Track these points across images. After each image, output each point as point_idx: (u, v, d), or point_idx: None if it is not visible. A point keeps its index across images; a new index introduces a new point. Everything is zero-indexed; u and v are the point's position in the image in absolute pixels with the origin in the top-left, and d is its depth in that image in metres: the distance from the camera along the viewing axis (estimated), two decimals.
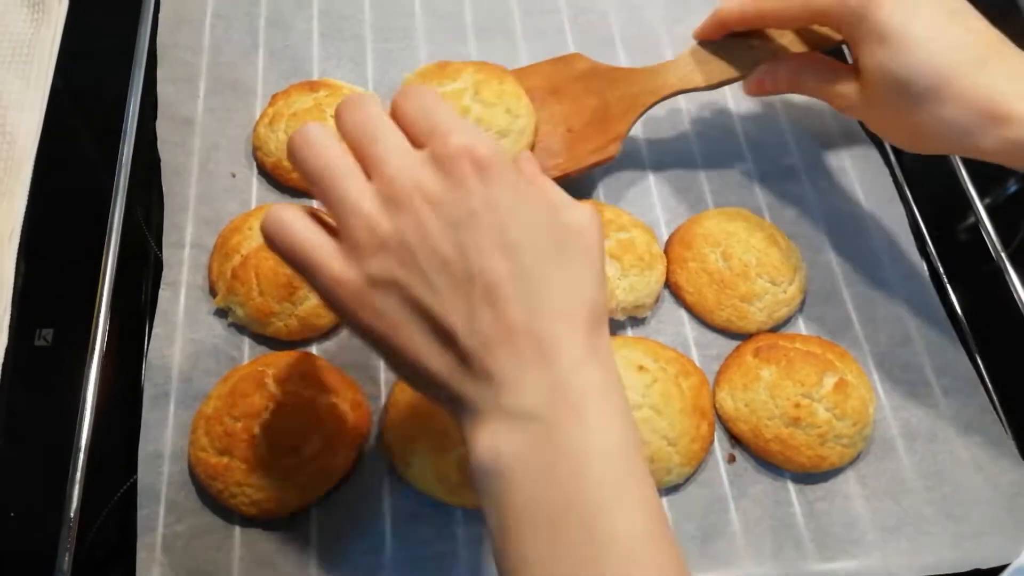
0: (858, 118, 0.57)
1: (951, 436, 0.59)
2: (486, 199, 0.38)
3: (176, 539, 0.52)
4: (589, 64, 0.67)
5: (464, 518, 0.54)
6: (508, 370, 0.37)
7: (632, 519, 0.36)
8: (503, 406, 0.37)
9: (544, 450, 0.37)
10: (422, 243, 0.38)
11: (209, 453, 0.52)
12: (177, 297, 0.60)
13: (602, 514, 0.36)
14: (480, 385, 0.38)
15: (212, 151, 0.67)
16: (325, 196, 0.39)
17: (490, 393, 0.38)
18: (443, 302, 0.38)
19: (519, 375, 0.37)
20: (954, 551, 0.55)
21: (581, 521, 0.36)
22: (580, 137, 0.64)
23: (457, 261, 0.37)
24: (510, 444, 0.37)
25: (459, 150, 0.38)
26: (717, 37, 0.63)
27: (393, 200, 0.38)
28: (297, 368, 0.55)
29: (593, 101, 0.65)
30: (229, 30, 0.73)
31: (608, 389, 0.39)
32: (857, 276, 0.66)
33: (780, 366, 0.57)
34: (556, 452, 0.37)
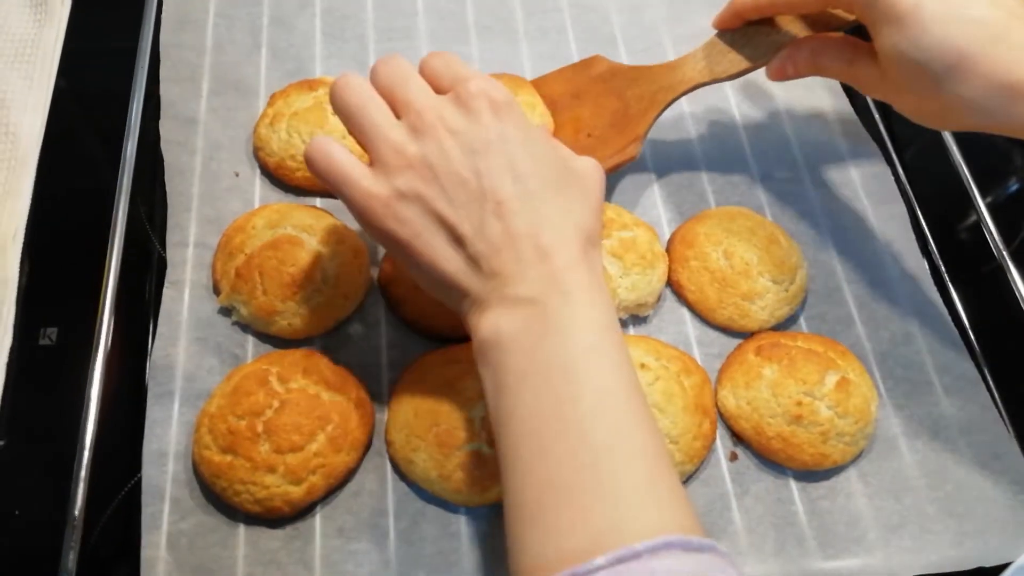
0: (882, 99, 0.57)
1: (953, 434, 0.59)
2: (500, 133, 0.46)
3: (181, 537, 0.52)
4: (608, 65, 0.67)
5: (467, 516, 0.54)
6: (511, 268, 0.44)
7: (607, 370, 0.43)
8: (505, 295, 0.44)
9: (537, 322, 0.43)
10: (443, 164, 0.45)
11: (213, 451, 0.52)
12: (181, 296, 0.60)
13: (581, 364, 0.42)
14: (486, 281, 0.45)
15: (215, 150, 0.67)
16: (360, 127, 0.47)
17: (495, 286, 0.44)
18: (458, 213, 0.45)
19: (520, 271, 0.44)
20: (956, 549, 0.55)
21: (564, 371, 0.42)
22: (602, 141, 0.65)
23: (472, 180, 0.45)
24: (510, 322, 0.44)
25: (478, 91, 0.46)
26: (735, 26, 0.62)
27: (419, 130, 0.46)
28: (301, 366, 0.55)
29: (613, 102, 0.65)
30: (232, 30, 0.74)
31: (594, 285, 0.45)
32: (859, 274, 0.66)
33: (782, 364, 0.57)
34: (547, 324, 0.43)
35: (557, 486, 0.40)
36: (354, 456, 0.54)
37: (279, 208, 0.62)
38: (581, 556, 0.36)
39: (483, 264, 0.45)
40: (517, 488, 0.41)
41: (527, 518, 0.40)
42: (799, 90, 0.76)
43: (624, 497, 0.39)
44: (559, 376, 0.42)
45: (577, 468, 0.40)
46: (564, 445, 0.40)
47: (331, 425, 0.53)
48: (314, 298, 0.58)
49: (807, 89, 0.76)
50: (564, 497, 0.39)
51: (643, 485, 0.40)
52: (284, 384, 0.54)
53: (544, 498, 0.40)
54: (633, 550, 0.36)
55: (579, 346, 0.42)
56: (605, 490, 0.39)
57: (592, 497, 0.39)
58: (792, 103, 0.75)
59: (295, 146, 0.64)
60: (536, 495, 0.40)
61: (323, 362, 0.56)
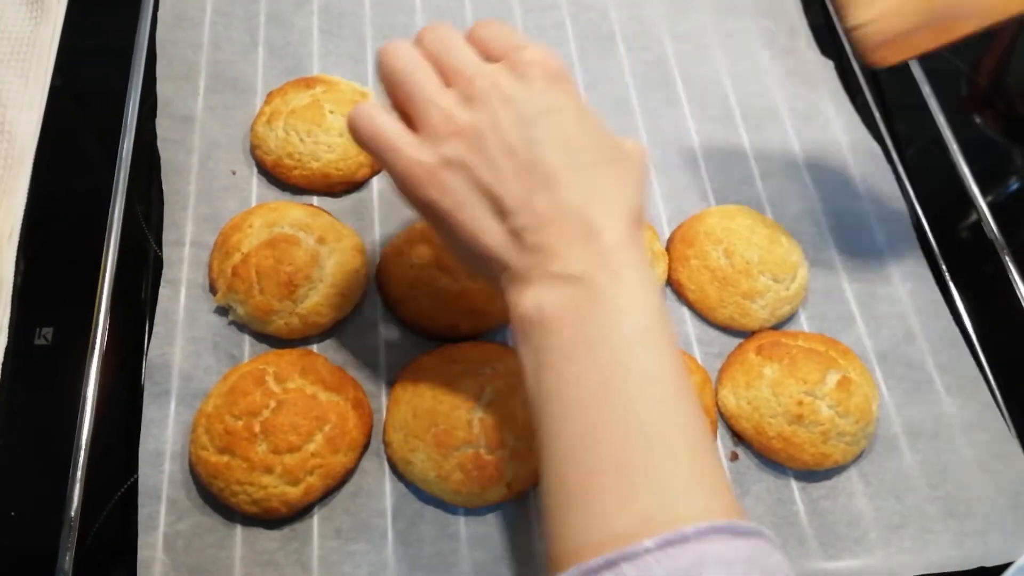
0: None
1: (954, 434, 0.59)
2: (554, 102, 0.44)
3: (177, 538, 0.52)
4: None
5: (466, 517, 0.54)
6: (557, 243, 0.42)
7: (657, 353, 0.41)
8: (549, 272, 0.42)
9: (585, 300, 0.41)
10: (493, 132, 0.43)
11: (210, 452, 0.52)
12: (177, 295, 0.60)
13: (631, 346, 0.41)
14: (530, 256, 0.43)
15: (212, 149, 0.66)
16: (409, 93, 0.45)
17: (538, 261, 0.42)
18: (505, 183, 0.43)
19: (566, 247, 0.42)
20: (957, 549, 0.55)
21: (614, 352, 0.40)
22: None
23: (522, 150, 0.43)
24: (554, 299, 0.42)
25: (533, 59, 0.44)
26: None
27: (471, 97, 0.44)
28: (298, 366, 0.55)
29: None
30: (229, 27, 0.73)
31: (643, 265, 0.43)
32: (859, 273, 0.66)
33: (783, 364, 0.57)
34: (595, 303, 0.41)
35: (603, 468, 0.39)
36: (352, 457, 0.54)
37: (276, 207, 0.62)
38: (629, 538, 0.36)
39: (527, 238, 0.43)
40: (559, 469, 0.40)
41: (571, 499, 0.39)
42: (800, 88, 0.76)
43: (672, 482, 0.38)
44: (608, 356, 0.40)
45: (625, 451, 0.39)
46: (612, 427, 0.39)
47: (329, 425, 0.53)
48: (311, 297, 0.58)
49: (808, 87, 0.76)
50: (611, 479, 0.38)
51: (690, 471, 0.39)
52: (281, 384, 0.54)
53: (590, 480, 0.39)
54: (682, 533, 0.35)
55: (630, 327, 0.41)
56: (653, 474, 0.38)
57: (640, 480, 0.38)
58: (793, 102, 0.75)
59: (292, 144, 0.64)
60: (581, 477, 0.39)
61: (320, 362, 0.56)
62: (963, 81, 0.84)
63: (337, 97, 0.66)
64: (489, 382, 0.55)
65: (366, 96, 0.68)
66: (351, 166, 0.65)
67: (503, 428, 0.53)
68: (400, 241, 0.62)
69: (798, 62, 0.77)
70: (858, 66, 0.79)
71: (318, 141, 0.64)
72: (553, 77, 0.44)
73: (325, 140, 0.64)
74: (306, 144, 0.64)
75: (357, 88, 0.69)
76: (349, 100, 0.66)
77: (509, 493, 0.53)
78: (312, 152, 0.64)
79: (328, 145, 0.64)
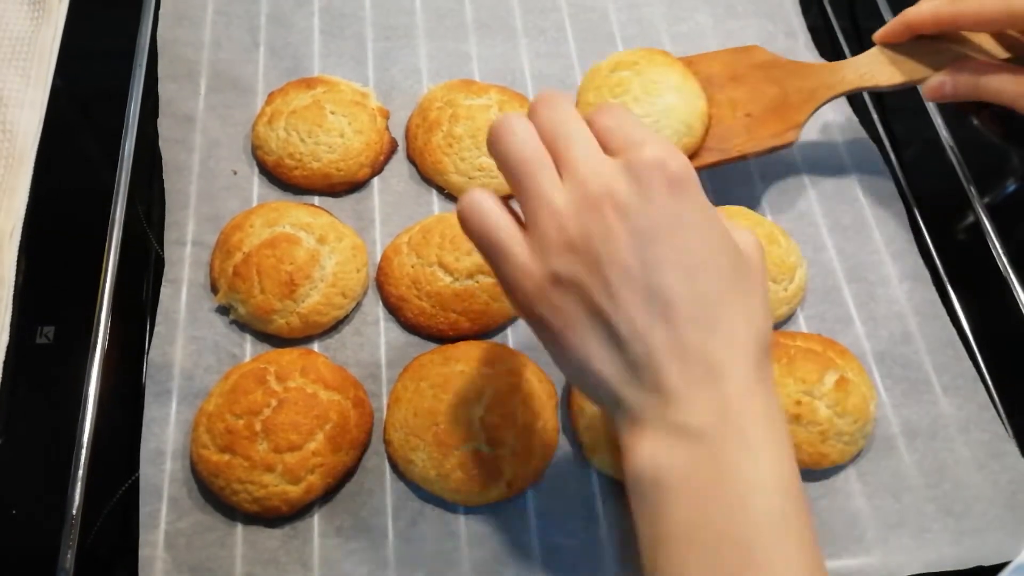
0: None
1: (952, 434, 0.59)
2: (675, 215, 0.39)
3: (178, 536, 0.52)
4: (769, 56, 0.68)
5: (466, 515, 0.54)
6: (677, 386, 0.38)
7: (789, 552, 0.37)
8: (668, 420, 0.38)
9: (708, 469, 0.37)
10: (608, 250, 0.38)
11: (211, 450, 0.52)
12: (178, 295, 0.60)
13: (762, 541, 0.37)
14: (647, 395, 0.39)
15: (213, 148, 0.67)
16: (520, 186, 0.41)
17: (655, 404, 0.39)
18: (621, 310, 0.39)
19: (688, 393, 0.38)
20: (955, 548, 0.55)
21: (740, 546, 0.37)
22: (759, 122, 0.65)
23: (639, 274, 0.38)
24: (672, 458, 0.38)
25: (654, 161, 0.39)
26: (902, 40, 0.63)
27: (584, 201, 0.39)
28: (299, 365, 0.55)
29: (772, 89, 0.66)
30: (230, 27, 0.73)
31: (774, 419, 0.39)
32: (857, 274, 0.66)
33: (781, 364, 0.57)
34: (720, 473, 0.37)
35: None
36: (352, 455, 0.54)
37: (277, 206, 0.62)
38: None
39: (644, 374, 0.39)
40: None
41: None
42: None
43: None
44: (734, 551, 0.37)
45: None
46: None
47: (329, 424, 0.53)
48: (312, 297, 0.58)
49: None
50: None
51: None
52: (282, 383, 0.54)
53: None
54: None
55: (761, 513, 0.37)
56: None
57: None
58: None
59: (293, 144, 0.64)
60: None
61: (321, 361, 0.56)
62: None
63: (338, 98, 0.66)
64: (489, 382, 0.55)
65: (367, 96, 0.68)
66: (352, 166, 0.65)
67: (503, 427, 0.53)
68: (400, 241, 0.62)
69: None
70: None
71: (319, 141, 0.64)
72: (675, 183, 0.39)
73: (326, 140, 0.64)
74: (307, 144, 0.64)
75: (358, 88, 0.69)
76: (350, 100, 0.67)
77: (509, 491, 0.54)
78: (313, 152, 0.64)
79: (329, 145, 0.64)
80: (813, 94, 0.65)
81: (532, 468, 0.54)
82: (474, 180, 0.65)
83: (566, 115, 0.42)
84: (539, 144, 0.41)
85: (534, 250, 0.40)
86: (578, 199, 0.39)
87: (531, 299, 0.40)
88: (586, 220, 0.39)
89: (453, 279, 0.59)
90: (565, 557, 0.53)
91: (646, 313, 0.38)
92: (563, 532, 0.54)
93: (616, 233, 0.39)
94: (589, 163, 0.40)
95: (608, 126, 0.41)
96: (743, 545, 0.37)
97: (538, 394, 0.56)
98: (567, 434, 0.57)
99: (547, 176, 0.40)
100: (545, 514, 0.54)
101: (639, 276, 0.38)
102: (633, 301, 0.38)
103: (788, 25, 0.80)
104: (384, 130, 0.68)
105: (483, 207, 0.41)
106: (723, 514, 0.37)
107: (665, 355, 0.38)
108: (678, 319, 0.38)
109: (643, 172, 0.39)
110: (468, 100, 0.67)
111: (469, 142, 0.65)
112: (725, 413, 0.38)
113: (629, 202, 0.39)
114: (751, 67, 0.68)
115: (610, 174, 0.39)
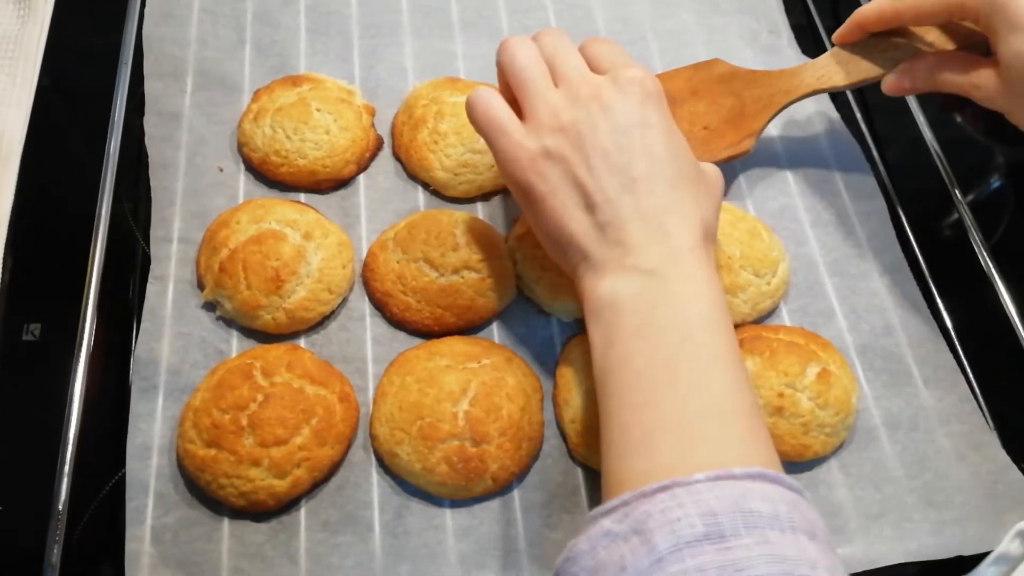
0: (999, 109, 0.57)
1: (933, 425, 0.60)
2: (647, 118, 0.50)
3: (165, 531, 0.52)
4: (728, 68, 0.69)
5: (452, 509, 0.54)
6: (636, 240, 0.47)
7: (720, 338, 0.46)
8: (626, 264, 0.47)
9: (656, 290, 0.46)
10: (591, 135, 0.49)
11: (197, 445, 0.53)
12: (165, 291, 0.60)
13: (698, 330, 0.45)
14: (610, 248, 0.48)
15: (199, 146, 0.67)
16: (523, 85, 0.52)
17: (618, 255, 0.48)
18: (596, 181, 0.49)
19: (644, 245, 0.47)
20: (936, 538, 0.56)
21: (681, 333, 0.45)
22: (717, 134, 0.67)
23: (614, 155, 0.49)
24: (628, 287, 0.47)
25: (635, 78, 0.50)
26: (857, 38, 0.64)
27: (576, 99, 0.50)
28: (285, 361, 0.55)
29: (730, 101, 0.67)
30: (216, 25, 0.74)
31: (711, 270, 0.48)
32: (840, 268, 0.66)
33: (764, 357, 0.58)
34: (666, 292, 0.46)
35: (666, 427, 0.43)
36: (338, 449, 0.54)
37: (263, 203, 0.62)
38: (683, 472, 0.39)
39: (609, 232, 0.48)
40: (622, 425, 0.44)
41: (632, 449, 0.43)
42: None
43: (726, 442, 0.42)
44: (676, 336, 0.45)
45: (686, 414, 0.43)
46: (676, 393, 0.44)
47: (315, 419, 0.53)
48: (298, 292, 0.58)
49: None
50: (672, 436, 0.42)
51: (746, 436, 0.43)
52: (268, 378, 0.54)
53: (653, 435, 0.43)
54: (731, 472, 0.39)
55: (697, 315, 0.46)
56: (710, 433, 0.43)
57: (698, 437, 0.42)
58: None
59: (279, 142, 0.64)
60: (644, 432, 0.43)
61: (307, 356, 0.56)
62: None
63: (323, 95, 0.67)
64: (474, 376, 0.55)
65: (352, 94, 0.69)
66: (337, 163, 0.65)
67: (488, 421, 0.54)
68: (386, 237, 0.62)
69: (780, 60, 0.77)
70: None
71: (305, 138, 0.64)
72: (648, 96, 0.50)
73: (312, 137, 0.65)
74: (293, 141, 0.64)
75: (343, 86, 0.69)
76: (335, 98, 0.67)
77: (494, 485, 0.54)
78: (299, 149, 0.64)
79: (315, 142, 0.65)
80: (770, 101, 0.66)
81: (517, 462, 0.54)
82: (459, 176, 0.65)
83: (564, 41, 0.54)
84: (541, 58, 0.53)
85: (529, 132, 0.50)
86: (571, 97, 0.50)
87: (523, 168, 0.50)
88: (576, 111, 0.50)
89: (438, 274, 0.59)
90: (550, 550, 0.53)
91: (617, 185, 0.48)
92: (548, 525, 0.54)
93: (599, 123, 0.49)
94: (581, 73, 0.51)
95: (599, 51, 0.53)
96: (684, 333, 0.45)
97: (523, 388, 0.56)
98: (552, 428, 0.58)
99: (545, 80, 0.52)
100: (530, 507, 0.55)
101: (614, 157, 0.49)
102: (607, 175, 0.48)
103: (772, 22, 0.81)
104: (370, 127, 0.68)
105: (489, 97, 0.52)
106: (665, 316, 0.46)
107: (628, 218, 0.48)
108: (641, 192, 0.48)
109: (625, 85, 0.50)
110: (453, 97, 0.67)
111: (454, 139, 0.65)
112: (673, 259, 0.47)
113: (611, 103, 0.50)
114: (711, 80, 0.69)
115: (598, 83, 0.51)
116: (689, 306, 0.46)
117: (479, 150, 0.65)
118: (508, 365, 0.57)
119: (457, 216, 0.62)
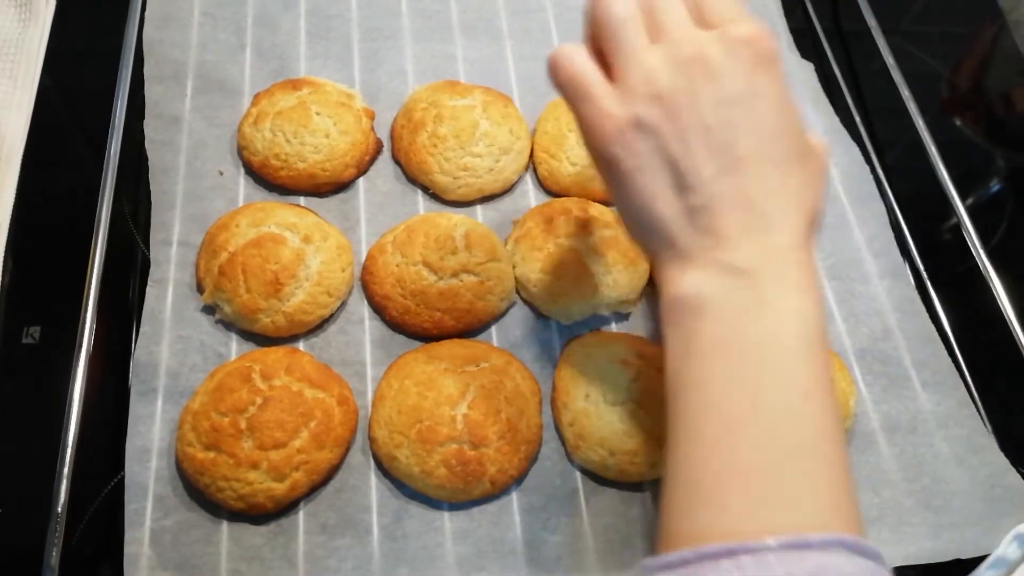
0: None
1: (931, 429, 0.60)
2: (757, 88, 0.42)
3: (164, 534, 0.52)
4: None
5: (450, 512, 0.54)
6: (731, 231, 0.41)
7: (815, 370, 0.40)
8: (716, 258, 0.41)
9: (748, 297, 0.41)
10: (691, 106, 0.42)
11: (196, 448, 0.53)
12: (164, 294, 0.60)
13: (791, 357, 0.40)
14: (700, 237, 0.42)
15: (199, 149, 0.67)
16: (615, 44, 0.43)
17: (708, 246, 0.42)
18: (692, 159, 0.42)
19: (740, 238, 0.41)
20: (934, 541, 0.56)
21: (772, 358, 0.40)
22: None
23: (716, 130, 0.41)
24: (714, 287, 0.41)
25: (747, 37, 0.42)
26: None
27: (676, 61, 0.42)
28: (284, 364, 0.55)
29: None
30: (216, 29, 0.74)
31: (811, 273, 0.42)
32: (838, 271, 0.66)
33: None
34: (760, 302, 0.40)
35: (740, 470, 0.38)
36: (337, 453, 0.54)
37: (263, 206, 0.62)
38: (753, 536, 0.36)
39: (701, 219, 0.42)
40: (691, 461, 0.40)
41: (698, 496, 0.39)
42: None
43: (807, 501, 0.38)
44: (765, 361, 0.40)
45: (765, 459, 0.38)
46: (755, 431, 0.39)
47: (314, 422, 0.53)
48: (297, 296, 0.58)
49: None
50: (745, 482, 0.38)
51: (829, 493, 0.38)
52: (267, 381, 0.54)
53: (723, 478, 0.38)
54: (806, 540, 0.35)
55: (792, 337, 0.40)
56: (789, 490, 0.38)
57: (775, 493, 0.38)
58: None
59: (279, 145, 0.65)
60: (714, 472, 0.39)
61: (306, 359, 0.56)
62: (943, 84, 0.85)
63: (323, 99, 0.67)
64: (473, 379, 0.56)
65: (352, 97, 0.69)
66: (337, 167, 0.65)
67: (486, 424, 0.54)
68: (385, 240, 0.62)
69: None
70: (839, 70, 0.80)
71: (304, 142, 0.65)
72: (762, 59, 0.42)
73: (311, 141, 0.65)
74: (292, 145, 0.65)
75: (343, 90, 0.69)
76: (335, 101, 0.67)
77: (492, 488, 0.54)
78: (298, 153, 0.65)
79: (314, 146, 0.65)
80: None
81: (516, 465, 0.55)
82: (458, 180, 0.65)
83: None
84: (636, 9, 0.44)
85: (619, 97, 0.43)
86: (671, 58, 0.42)
87: (609, 138, 0.43)
88: (675, 76, 0.42)
89: (437, 278, 0.59)
90: (549, 552, 0.54)
91: (715, 165, 0.41)
92: (547, 528, 0.54)
93: (701, 92, 0.41)
94: (684, 29, 0.43)
95: (706, 1, 0.44)
96: (770, 361, 0.40)
97: (522, 391, 0.57)
98: (551, 431, 0.58)
99: (640, 38, 0.43)
100: (529, 510, 0.55)
101: (715, 132, 0.41)
102: (705, 153, 0.41)
103: (771, 26, 0.81)
104: (369, 131, 0.68)
105: (574, 56, 0.44)
106: (755, 333, 0.40)
107: (725, 204, 0.41)
108: (743, 174, 0.41)
109: (734, 45, 0.42)
110: (452, 101, 0.68)
111: (454, 142, 0.65)
112: (771, 258, 0.41)
113: (718, 68, 0.42)
114: None
115: (703, 42, 0.42)
116: (784, 323, 0.40)
117: (478, 153, 0.65)
118: (507, 368, 0.57)
119: (456, 219, 0.62)
